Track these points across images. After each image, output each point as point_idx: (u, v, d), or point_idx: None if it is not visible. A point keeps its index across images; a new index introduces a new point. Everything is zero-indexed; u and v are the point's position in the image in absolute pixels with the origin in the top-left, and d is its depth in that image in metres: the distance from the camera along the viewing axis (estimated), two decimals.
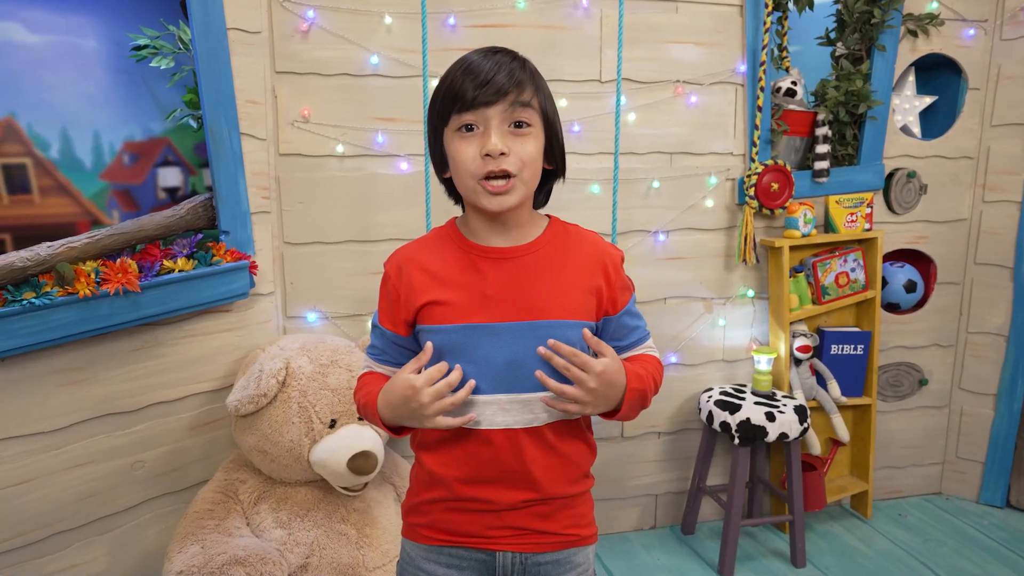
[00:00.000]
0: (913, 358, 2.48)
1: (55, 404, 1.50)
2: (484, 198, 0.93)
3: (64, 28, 1.67)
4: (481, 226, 0.99)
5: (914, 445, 2.53)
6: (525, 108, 0.92)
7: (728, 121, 2.18)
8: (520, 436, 0.96)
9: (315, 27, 1.85)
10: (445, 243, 1.01)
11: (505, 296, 0.95)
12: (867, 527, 2.36)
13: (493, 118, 0.91)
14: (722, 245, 2.25)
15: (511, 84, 0.90)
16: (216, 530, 1.55)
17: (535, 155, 0.94)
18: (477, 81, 0.89)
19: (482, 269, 0.97)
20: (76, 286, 1.45)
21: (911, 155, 2.35)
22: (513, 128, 0.92)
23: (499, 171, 0.91)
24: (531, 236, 1.00)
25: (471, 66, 0.91)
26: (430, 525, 1.02)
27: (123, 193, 1.76)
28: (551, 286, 0.96)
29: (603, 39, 2.04)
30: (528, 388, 0.95)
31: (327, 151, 1.91)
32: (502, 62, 0.91)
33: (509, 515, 0.98)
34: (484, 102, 0.90)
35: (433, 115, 0.96)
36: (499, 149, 0.90)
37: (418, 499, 1.03)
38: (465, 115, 0.91)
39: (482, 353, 0.95)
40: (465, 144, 0.92)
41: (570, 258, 0.99)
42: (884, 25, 2.17)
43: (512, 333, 0.95)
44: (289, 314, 1.95)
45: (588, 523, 1.05)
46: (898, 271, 2.40)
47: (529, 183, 0.95)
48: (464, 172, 0.93)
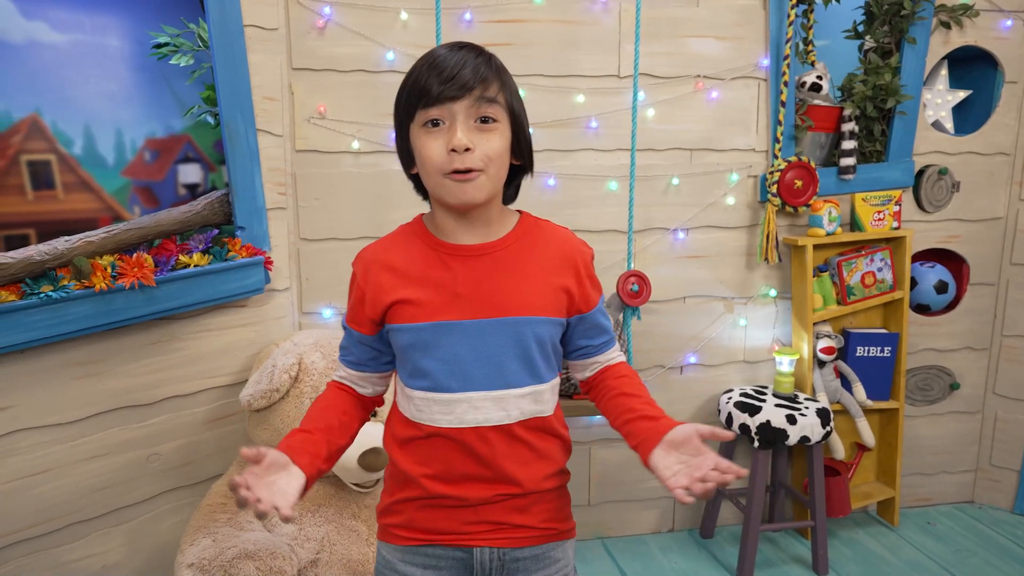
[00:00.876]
0: (944, 361, 2.40)
1: (72, 396, 1.53)
2: (449, 193, 0.92)
3: (88, 27, 1.69)
4: (449, 223, 0.97)
5: (945, 451, 2.45)
6: (491, 104, 0.91)
7: (750, 117, 2.14)
8: (492, 433, 0.95)
9: (331, 23, 1.85)
10: (412, 240, 1.00)
11: (475, 293, 0.95)
12: (894, 535, 2.29)
13: (459, 113, 0.89)
14: (743, 243, 2.20)
15: (476, 79, 0.89)
16: (228, 524, 1.56)
17: (501, 151, 0.93)
18: (442, 76, 0.88)
19: (451, 267, 0.96)
20: (92, 280, 1.47)
21: (943, 151, 2.27)
22: (479, 124, 0.91)
23: (465, 167, 0.90)
24: (500, 232, 0.98)
25: (436, 61, 0.90)
26: (405, 525, 1.01)
27: (144, 189, 1.78)
28: (521, 283, 0.96)
29: (621, 33, 2.01)
30: (499, 385, 0.94)
31: (343, 147, 1.91)
32: (467, 57, 0.90)
33: (485, 509, 0.97)
34: (449, 97, 0.89)
35: (399, 110, 0.95)
36: (464, 144, 0.89)
37: (392, 499, 1.03)
38: (431, 110, 0.90)
39: (453, 351, 0.94)
40: (431, 140, 0.91)
41: (540, 254, 0.98)
42: (915, 17, 2.10)
43: (482, 330, 0.94)
44: (304, 310, 1.95)
45: (565, 517, 1.04)
46: (928, 271, 2.32)
47: (495, 179, 0.93)
48: (430, 168, 0.91)
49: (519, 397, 0.96)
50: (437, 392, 0.95)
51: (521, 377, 0.95)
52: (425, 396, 0.96)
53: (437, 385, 0.95)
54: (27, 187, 1.60)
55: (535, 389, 0.97)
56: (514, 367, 0.94)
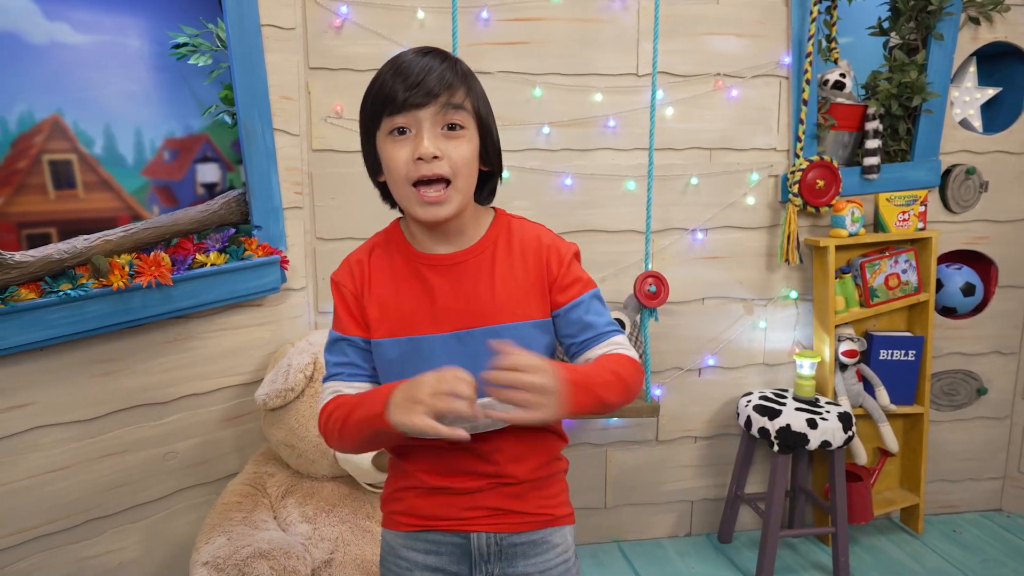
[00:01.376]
0: (971, 366, 2.34)
1: (90, 393, 1.54)
2: (419, 208, 0.90)
3: (109, 28, 1.71)
4: (422, 233, 0.96)
5: (971, 458, 2.39)
6: (457, 110, 0.89)
7: (771, 115, 2.10)
8: (481, 437, 0.95)
9: (348, 23, 1.85)
10: (389, 250, 0.99)
11: (452, 305, 0.94)
12: (918, 543, 2.24)
13: (425, 120, 0.88)
14: (763, 244, 2.16)
15: (442, 86, 0.87)
16: (243, 522, 1.56)
17: (469, 158, 0.91)
18: (408, 83, 0.87)
19: (427, 278, 0.95)
20: (110, 278, 1.48)
21: (971, 150, 2.22)
22: (446, 131, 0.89)
23: (432, 175, 0.88)
24: (474, 238, 0.97)
25: (401, 67, 0.88)
26: (406, 512, 1.01)
27: (163, 189, 1.79)
28: (498, 289, 0.94)
29: (640, 31, 1.98)
30: (483, 394, 0.92)
31: (359, 147, 1.90)
32: (432, 64, 0.88)
33: (481, 496, 0.98)
34: (415, 104, 0.87)
35: (364, 117, 0.93)
36: (431, 152, 0.87)
37: (393, 487, 1.04)
38: (396, 118, 0.88)
39: (435, 364, 0.91)
40: (397, 148, 0.89)
41: (514, 257, 0.96)
42: (942, 12, 2.05)
43: (463, 341, 0.93)
44: (320, 309, 1.95)
45: (562, 503, 1.03)
46: (955, 273, 2.26)
47: (464, 190, 0.92)
48: (398, 177, 0.89)
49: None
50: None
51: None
52: None
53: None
54: (49, 186, 1.62)
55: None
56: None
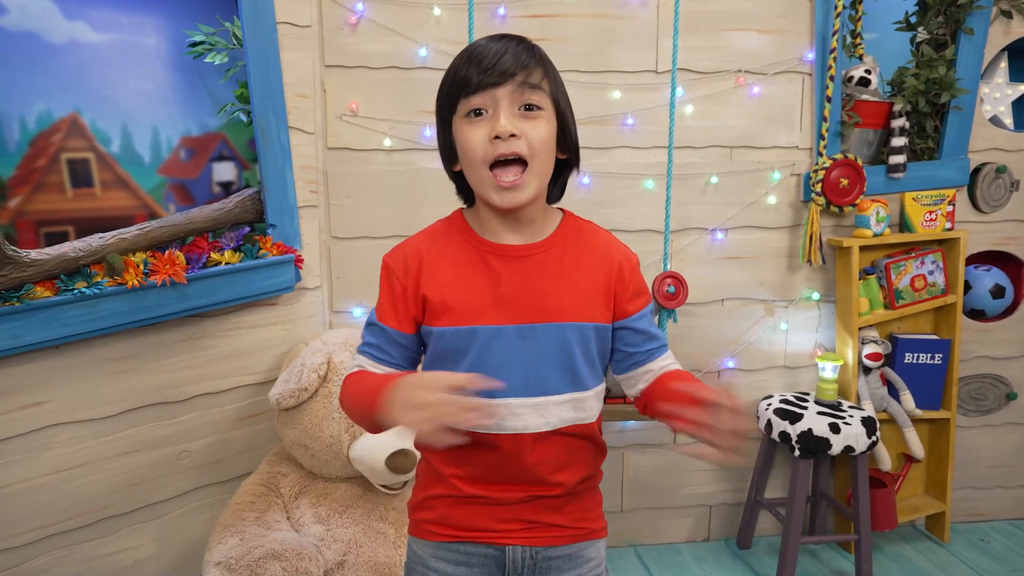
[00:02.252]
0: (1000, 370, 2.28)
1: (105, 392, 1.54)
2: (495, 194, 0.88)
3: (127, 27, 1.71)
4: (493, 221, 0.94)
5: (1000, 464, 2.33)
6: (535, 90, 0.88)
7: (794, 113, 2.05)
8: (529, 440, 0.92)
9: (364, 20, 1.84)
10: (452, 237, 0.96)
11: (519, 297, 0.91)
12: (944, 551, 2.18)
13: (502, 99, 0.87)
14: (785, 244, 2.12)
15: (518, 66, 0.87)
16: (256, 523, 1.55)
17: (547, 139, 0.89)
18: (483, 65, 0.86)
19: (494, 268, 0.92)
20: (125, 276, 1.47)
21: (1001, 148, 2.16)
22: (523, 111, 0.88)
23: (510, 154, 0.86)
24: (544, 233, 0.95)
25: (477, 50, 0.88)
26: (438, 520, 0.99)
27: (179, 187, 1.79)
28: (565, 286, 0.92)
29: (659, 27, 1.95)
30: (540, 392, 0.91)
31: (375, 145, 1.90)
32: (508, 45, 0.88)
33: (518, 508, 0.95)
34: (491, 83, 0.86)
35: (441, 104, 0.93)
36: (508, 130, 0.85)
37: (424, 494, 1.01)
38: (473, 98, 0.87)
39: (494, 356, 0.91)
40: (473, 128, 0.88)
41: (584, 257, 0.94)
42: (973, 6, 1.99)
43: (525, 336, 0.91)
44: (335, 308, 1.94)
45: (597, 516, 1.01)
46: (984, 275, 2.20)
47: (542, 174, 0.90)
48: (473, 158, 0.88)
49: (559, 404, 0.92)
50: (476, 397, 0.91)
51: (562, 384, 0.92)
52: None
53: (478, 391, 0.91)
54: (67, 185, 1.63)
55: (576, 396, 0.93)
56: (555, 374, 0.91)
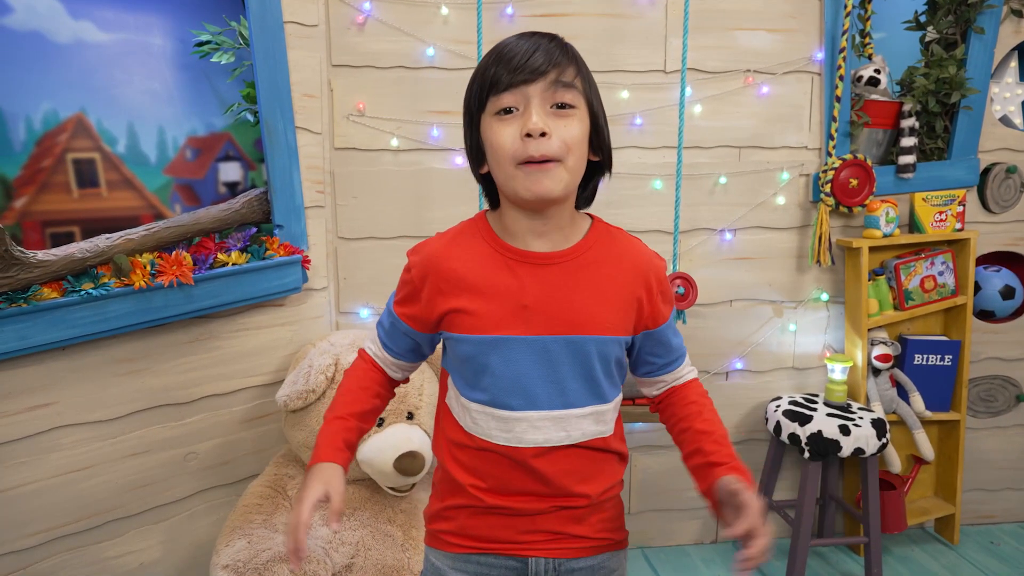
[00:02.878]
0: (1009, 371, 2.26)
1: (113, 393, 1.53)
2: (522, 185, 0.84)
3: (133, 26, 1.70)
4: (518, 225, 0.90)
5: (1010, 467, 2.31)
6: (568, 88, 0.84)
7: (803, 113, 2.04)
8: (550, 454, 0.90)
9: (371, 19, 1.83)
10: (476, 241, 0.92)
11: (542, 307, 0.88)
12: (953, 554, 2.17)
13: (533, 97, 0.83)
14: (794, 245, 2.10)
15: (550, 63, 0.83)
16: (263, 525, 1.55)
17: (580, 138, 0.86)
18: (514, 63, 0.83)
19: (519, 275, 0.89)
20: (132, 277, 1.47)
21: (1011, 148, 2.14)
22: (555, 109, 0.84)
23: (540, 156, 0.83)
24: (572, 240, 0.92)
25: (508, 48, 0.85)
26: (457, 532, 0.96)
27: (185, 187, 1.78)
28: (592, 298, 0.89)
29: (668, 27, 1.94)
30: (560, 405, 0.89)
31: (382, 145, 1.89)
32: (540, 42, 0.85)
33: (541, 519, 0.93)
34: (523, 80, 0.83)
35: (469, 102, 0.90)
36: (540, 128, 0.82)
37: (443, 504, 0.98)
38: (503, 96, 0.84)
39: (514, 367, 0.88)
40: (503, 126, 0.84)
41: (613, 267, 0.91)
42: (983, 5, 1.98)
43: (547, 347, 0.88)
44: (342, 309, 1.93)
45: (620, 527, 1.00)
46: (993, 276, 2.19)
47: (574, 171, 0.86)
48: (502, 156, 0.85)
49: (580, 418, 0.90)
50: (495, 408, 0.90)
51: (583, 397, 0.90)
52: (482, 410, 0.91)
53: (496, 401, 0.89)
54: (72, 185, 1.62)
55: (597, 409, 0.91)
56: (576, 386, 0.89)
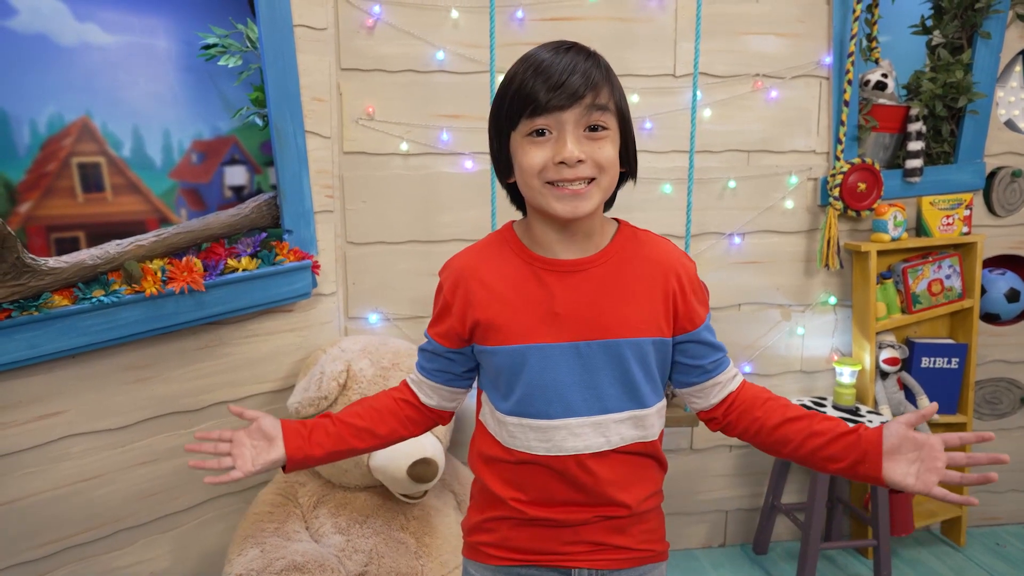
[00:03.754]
0: (1014, 373, 2.27)
1: (122, 401, 1.51)
2: (556, 203, 0.84)
3: (138, 28, 1.68)
4: (546, 235, 0.90)
5: (1015, 468, 2.32)
6: (603, 111, 0.83)
7: (811, 117, 2.04)
8: (590, 461, 0.90)
9: (381, 23, 1.82)
10: (504, 252, 0.93)
11: (574, 314, 0.88)
12: (960, 556, 2.18)
13: (568, 123, 0.82)
14: (802, 249, 2.11)
15: (587, 86, 0.81)
16: (276, 533, 1.53)
17: (614, 159, 0.85)
18: (550, 83, 0.81)
19: (548, 283, 0.89)
20: (143, 284, 1.45)
21: (1017, 152, 2.15)
22: (588, 132, 0.83)
23: (574, 179, 0.83)
24: (599, 245, 0.91)
25: (542, 65, 0.82)
26: (499, 544, 0.96)
27: (191, 191, 1.76)
28: (622, 301, 0.89)
29: (678, 31, 1.94)
30: (598, 410, 0.89)
31: (391, 149, 1.87)
32: (576, 61, 0.82)
33: (584, 529, 0.92)
34: (559, 106, 0.81)
35: (499, 117, 0.88)
36: (577, 157, 0.81)
37: (483, 516, 0.98)
38: (537, 119, 0.82)
39: (550, 376, 0.88)
40: (537, 150, 0.83)
41: (642, 268, 0.91)
42: (990, 10, 1.99)
43: (581, 353, 0.88)
44: (351, 315, 1.92)
45: (661, 538, 0.99)
46: (998, 279, 2.20)
47: (607, 189, 0.87)
48: (530, 176, 0.84)
49: (619, 423, 0.90)
50: (533, 419, 0.89)
51: (622, 402, 0.89)
52: (520, 422, 0.90)
53: (533, 411, 0.89)
54: (77, 189, 1.60)
55: (636, 414, 0.91)
56: (614, 391, 0.89)
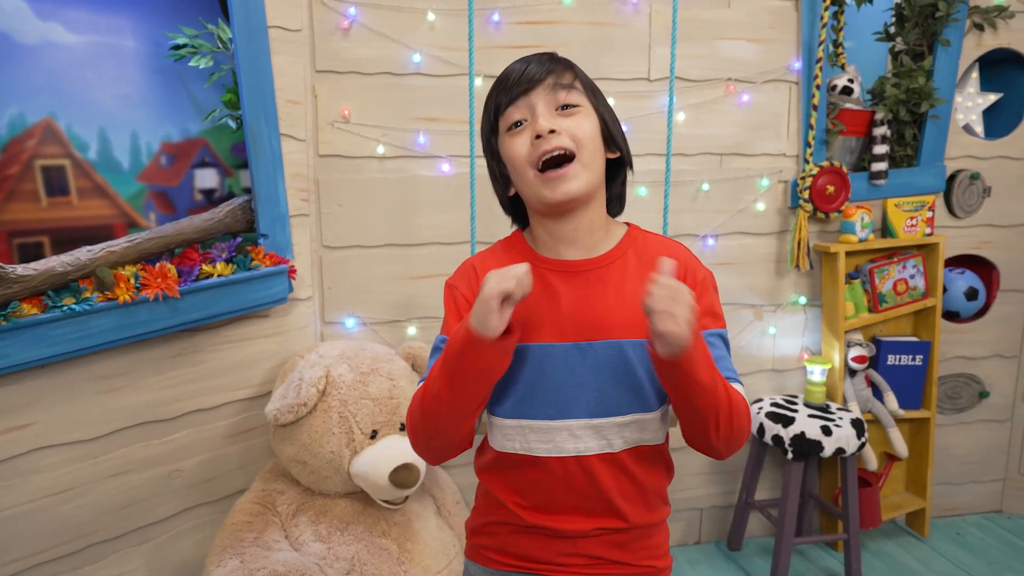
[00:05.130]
0: (973, 369, 2.36)
1: (94, 412, 1.47)
2: (545, 188, 0.87)
3: (103, 28, 1.64)
4: (550, 237, 0.92)
5: (973, 460, 2.41)
6: (569, 90, 0.89)
7: (781, 121, 2.09)
8: (593, 463, 0.89)
9: (356, 24, 1.80)
10: (511, 254, 0.95)
11: (577, 313, 0.89)
12: (924, 547, 2.25)
13: (537, 103, 0.88)
14: (773, 250, 2.15)
15: (546, 71, 0.88)
16: (255, 543, 1.51)
17: (590, 132, 0.89)
18: (511, 79, 0.89)
19: (552, 284, 0.90)
20: (116, 291, 1.41)
21: (974, 156, 2.23)
22: (561, 111, 0.88)
23: (553, 149, 0.86)
24: (606, 247, 0.93)
25: (505, 72, 0.91)
26: (498, 548, 0.96)
27: (160, 195, 1.73)
28: (625, 301, 0.89)
29: (652, 36, 1.96)
30: (602, 412, 0.88)
31: (367, 152, 1.86)
32: (531, 58, 0.91)
33: (583, 542, 0.92)
34: (523, 91, 0.88)
35: (485, 132, 0.94)
36: (548, 126, 0.86)
37: (484, 519, 0.98)
38: (510, 111, 0.89)
39: (551, 376, 0.88)
40: (516, 138, 0.89)
41: (645, 270, 0.90)
42: (949, 19, 2.06)
43: (584, 353, 0.88)
44: (327, 320, 1.90)
45: (664, 554, 0.98)
46: (958, 278, 2.28)
47: (590, 166, 0.88)
48: (519, 164, 0.89)
49: (622, 426, 0.89)
50: (534, 420, 0.89)
51: (626, 404, 0.89)
52: (520, 424, 0.90)
53: (535, 411, 0.89)
54: (41, 193, 1.55)
55: (640, 417, 0.90)
56: (618, 394, 0.88)
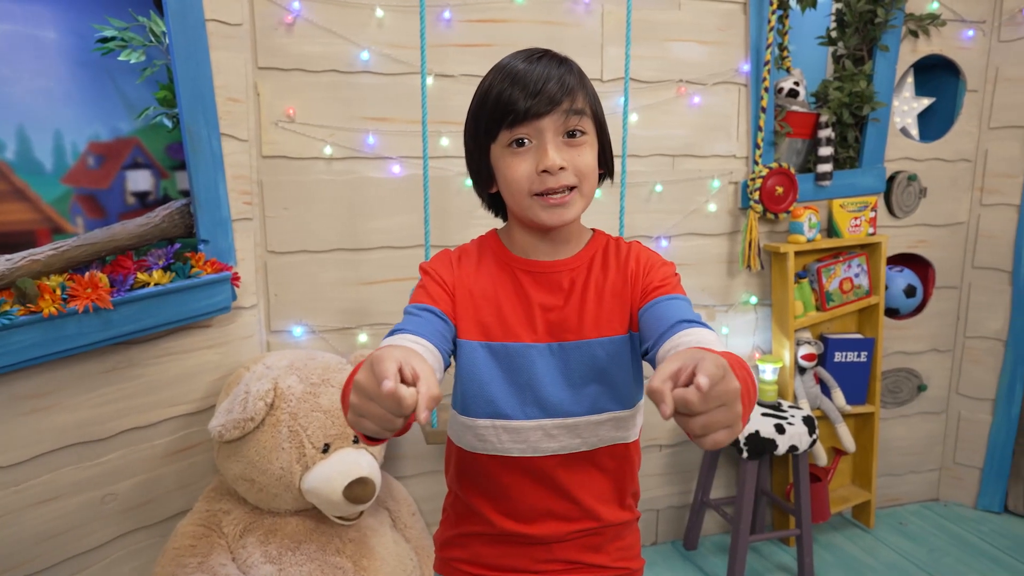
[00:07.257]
0: (912, 364, 2.45)
1: (16, 435, 1.35)
2: (542, 212, 0.85)
3: (20, 17, 1.52)
4: (527, 240, 0.91)
5: (913, 452, 2.50)
6: (580, 116, 0.84)
7: (731, 123, 2.11)
8: (568, 462, 0.89)
9: (300, 20, 1.72)
10: (484, 253, 0.94)
11: (548, 315, 0.89)
12: (870, 537, 2.32)
13: (547, 130, 0.82)
14: (725, 251, 2.17)
15: (564, 93, 0.82)
16: (199, 569, 1.42)
17: (593, 166, 0.87)
18: (527, 91, 0.81)
19: (523, 284, 0.90)
20: (39, 304, 1.30)
21: (911, 158, 2.31)
22: (567, 138, 0.84)
23: (559, 187, 0.84)
24: (575, 249, 0.93)
25: (518, 74, 0.82)
26: (472, 560, 0.94)
27: (88, 198, 1.61)
28: (595, 302, 0.89)
29: (604, 36, 1.95)
30: (574, 412, 0.88)
31: (314, 153, 1.78)
32: (550, 68, 0.83)
33: (559, 547, 0.91)
34: (537, 114, 0.81)
35: (477, 129, 0.87)
36: (558, 165, 0.82)
37: (456, 531, 0.96)
38: (517, 129, 0.83)
39: (524, 376, 0.87)
40: (518, 160, 0.84)
41: (610, 271, 0.92)
42: (887, 25, 2.12)
43: (555, 353, 0.88)
44: (273, 328, 1.81)
45: (637, 555, 0.99)
46: (897, 276, 2.35)
47: (588, 196, 0.88)
48: (518, 190, 0.85)
49: (598, 424, 0.89)
50: (507, 420, 0.87)
51: (601, 402, 0.89)
52: (493, 424, 0.88)
53: (508, 412, 0.87)
54: None
55: (617, 415, 0.90)
56: (592, 392, 0.88)
